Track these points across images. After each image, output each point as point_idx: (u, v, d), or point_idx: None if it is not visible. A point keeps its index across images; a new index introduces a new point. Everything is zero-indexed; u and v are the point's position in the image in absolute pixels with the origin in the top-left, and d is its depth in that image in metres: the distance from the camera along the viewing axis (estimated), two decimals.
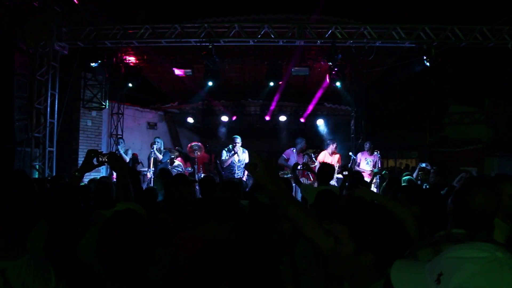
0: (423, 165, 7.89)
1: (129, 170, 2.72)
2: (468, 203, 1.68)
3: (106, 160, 2.56)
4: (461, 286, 0.77)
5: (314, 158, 8.80)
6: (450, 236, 1.73)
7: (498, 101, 16.36)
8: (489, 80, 16.79)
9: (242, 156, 8.31)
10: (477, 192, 1.68)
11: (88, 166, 2.56)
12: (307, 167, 6.47)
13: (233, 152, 8.19)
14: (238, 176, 7.93)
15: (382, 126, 16.32)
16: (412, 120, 16.26)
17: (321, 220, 2.45)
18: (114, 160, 2.53)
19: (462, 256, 0.81)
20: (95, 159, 2.58)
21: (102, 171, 9.85)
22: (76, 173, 2.60)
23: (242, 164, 8.28)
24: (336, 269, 1.42)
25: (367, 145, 8.97)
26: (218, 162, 7.70)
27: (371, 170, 8.41)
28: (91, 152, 2.57)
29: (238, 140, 8.30)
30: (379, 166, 8.62)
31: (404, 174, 6.66)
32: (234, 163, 8.23)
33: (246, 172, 8.22)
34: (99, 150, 2.66)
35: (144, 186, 7.47)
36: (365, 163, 8.72)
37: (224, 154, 8.30)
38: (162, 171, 5.59)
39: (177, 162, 9.63)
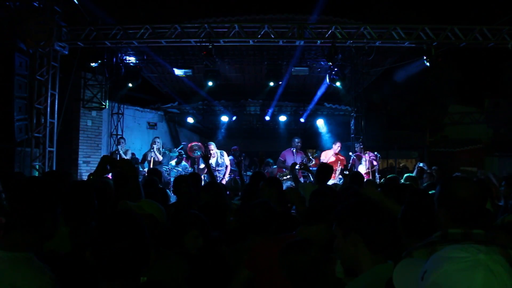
0: (421, 164, 7.95)
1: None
2: (456, 195, 1.74)
3: (119, 167, 2.87)
4: (435, 282, 0.83)
5: (311, 157, 8.86)
6: (447, 236, 1.73)
7: (498, 101, 16.37)
8: (489, 80, 16.79)
9: (220, 159, 8.40)
10: (460, 184, 1.77)
11: (103, 171, 2.84)
12: (305, 167, 6.45)
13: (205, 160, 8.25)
14: (219, 179, 7.94)
15: (382, 126, 16.29)
16: (412, 120, 16.22)
17: (316, 221, 2.46)
18: (127, 167, 2.83)
19: (445, 255, 0.86)
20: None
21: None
22: (91, 177, 2.88)
23: (222, 166, 8.40)
24: (344, 261, 1.65)
25: (357, 147, 9.01)
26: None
27: (367, 170, 8.41)
28: (105, 159, 2.86)
29: (212, 146, 8.47)
30: (374, 164, 8.61)
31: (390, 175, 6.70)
32: (212, 167, 8.26)
33: (226, 174, 8.38)
34: (113, 157, 2.91)
35: None
36: (360, 164, 8.72)
37: (202, 164, 8.46)
38: (150, 171, 5.56)
39: (184, 163, 9.64)
